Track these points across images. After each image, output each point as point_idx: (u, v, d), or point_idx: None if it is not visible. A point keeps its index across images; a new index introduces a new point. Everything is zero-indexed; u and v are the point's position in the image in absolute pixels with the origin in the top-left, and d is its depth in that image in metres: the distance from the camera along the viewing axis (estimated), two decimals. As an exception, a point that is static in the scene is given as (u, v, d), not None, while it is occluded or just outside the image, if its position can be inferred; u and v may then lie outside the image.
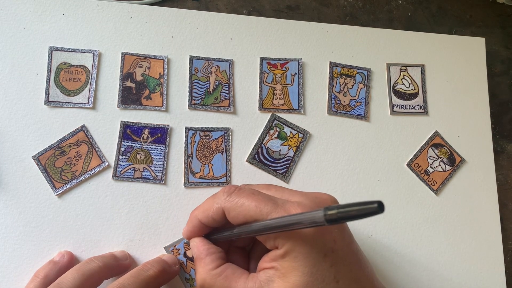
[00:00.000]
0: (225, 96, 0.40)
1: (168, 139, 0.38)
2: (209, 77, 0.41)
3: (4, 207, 0.36)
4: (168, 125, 0.39)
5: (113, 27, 0.40)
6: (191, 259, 0.36)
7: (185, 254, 0.36)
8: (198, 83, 0.40)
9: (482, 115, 0.45)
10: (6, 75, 0.38)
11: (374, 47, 0.44)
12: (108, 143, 0.38)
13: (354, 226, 0.39)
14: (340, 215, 0.22)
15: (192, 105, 0.40)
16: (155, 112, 0.39)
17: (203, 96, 0.40)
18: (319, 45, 0.43)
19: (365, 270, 0.28)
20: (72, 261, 0.35)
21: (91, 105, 0.38)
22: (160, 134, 0.38)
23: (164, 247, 0.36)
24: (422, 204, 0.41)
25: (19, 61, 0.38)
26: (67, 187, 0.36)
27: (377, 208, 0.21)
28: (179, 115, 0.39)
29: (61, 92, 0.38)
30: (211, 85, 0.41)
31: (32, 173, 0.36)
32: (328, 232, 0.27)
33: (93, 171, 0.37)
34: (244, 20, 0.43)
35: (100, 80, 0.39)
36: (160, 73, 0.40)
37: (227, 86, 0.41)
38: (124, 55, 0.40)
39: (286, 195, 0.30)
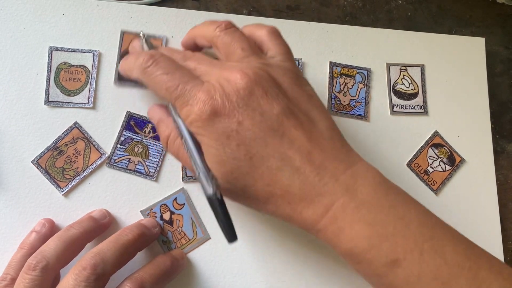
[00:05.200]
0: (225, 96, 0.40)
1: (168, 139, 0.39)
2: (209, 77, 0.41)
3: (4, 207, 0.36)
4: None
5: (113, 27, 0.40)
6: (168, 222, 0.37)
7: (161, 217, 0.37)
8: (198, 83, 0.40)
9: (482, 115, 0.45)
10: (6, 75, 0.38)
11: (374, 47, 0.44)
12: (106, 136, 0.38)
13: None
14: (213, 208, 0.27)
15: (192, 105, 0.40)
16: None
17: (203, 96, 0.40)
18: (319, 45, 0.43)
19: (286, 147, 0.28)
20: (53, 229, 0.35)
21: (91, 105, 0.38)
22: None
23: (141, 211, 0.37)
24: (422, 204, 0.41)
25: (19, 61, 0.38)
26: (72, 184, 0.36)
27: (228, 241, 0.27)
28: (179, 115, 0.39)
29: (61, 92, 0.38)
30: (211, 85, 0.40)
31: (32, 173, 0.36)
32: (230, 115, 0.27)
33: (94, 165, 0.37)
34: (244, 20, 0.43)
35: (100, 80, 0.39)
36: (160, 73, 0.40)
37: (227, 86, 0.41)
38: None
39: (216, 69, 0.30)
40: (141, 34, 0.37)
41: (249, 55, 0.31)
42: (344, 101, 0.42)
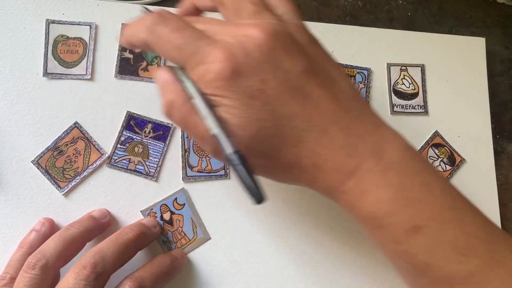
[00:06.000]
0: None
1: (169, 139, 0.39)
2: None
3: (4, 207, 0.36)
4: (172, 124, 0.39)
5: (113, 27, 0.40)
6: (168, 222, 0.37)
7: (161, 217, 0.37)
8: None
9: (482, 115, 0.45)
10: (6, 75, 0.38)
11: (374, 47, 0.44)
12: (106, 136, 0.38)
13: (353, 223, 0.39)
14: (235, 167, 0.24)
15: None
16: (156, 106, 0.39)
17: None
18: (319, 45, 0.43)
19: (312, 107, 0.26)
20: (53, 228, 0.35)
21: (89, 77, 0.38)
22: (162, 132, 0.39)
23: (141, 211, 0.37)
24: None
25: (19, 61, 0.38)
26: (72, 184, 0.36)
27: (256, 202, 0.24)
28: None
29: (59, 64, 0.38)
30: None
31: (33, 173, 0.36)
32: (253, 73, 0.25)
33: (95, 165, 0.37)
34: (244, 20, 0.43)
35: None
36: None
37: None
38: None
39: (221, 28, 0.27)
40: (140, 8, 0.33)
41: (261, 10, 0.27)
42: (344, 101, 0.42)
